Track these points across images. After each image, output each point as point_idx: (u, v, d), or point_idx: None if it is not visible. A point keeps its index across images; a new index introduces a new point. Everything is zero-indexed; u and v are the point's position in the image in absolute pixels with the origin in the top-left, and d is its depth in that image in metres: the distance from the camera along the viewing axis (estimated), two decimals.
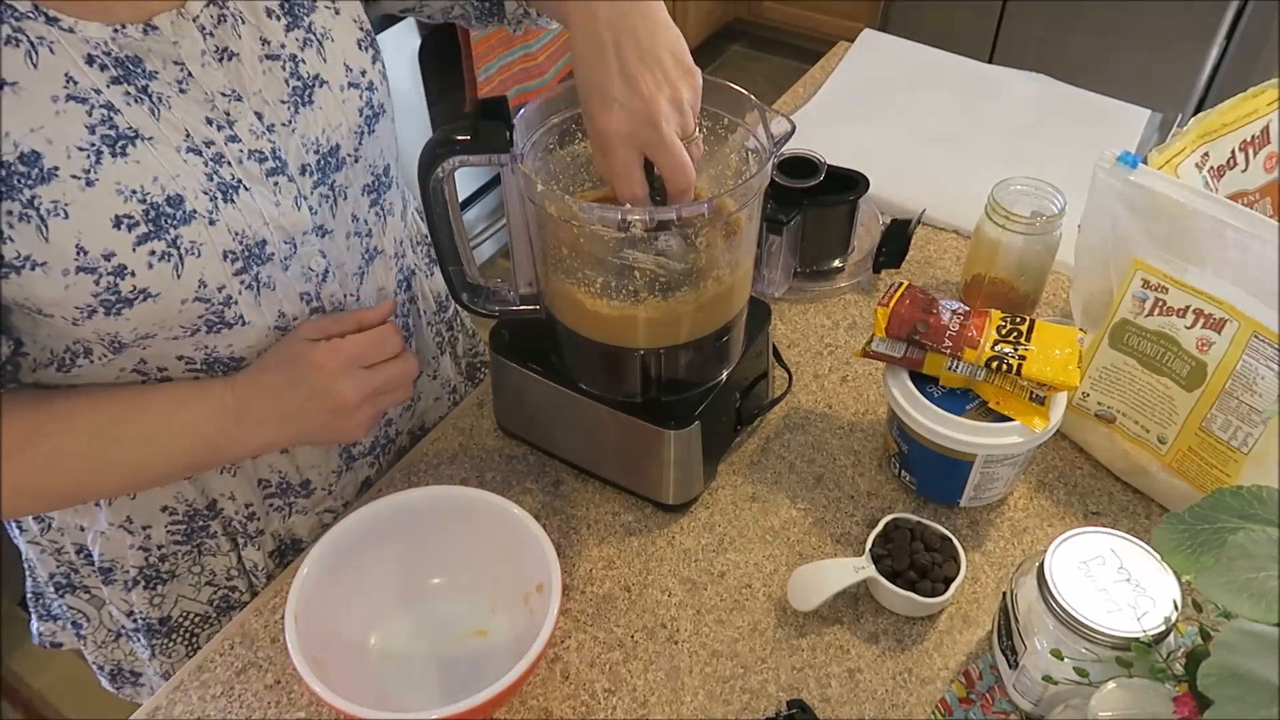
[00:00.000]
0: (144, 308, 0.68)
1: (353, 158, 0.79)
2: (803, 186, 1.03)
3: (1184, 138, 0.85)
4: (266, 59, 0.72)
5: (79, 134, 0.64)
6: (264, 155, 0.73)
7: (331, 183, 0.78)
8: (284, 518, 0.91)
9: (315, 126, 0.75)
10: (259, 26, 0.72)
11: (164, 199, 0.67)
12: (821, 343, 1.05)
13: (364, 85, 0.79)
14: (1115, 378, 0.87)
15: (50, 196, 0.63)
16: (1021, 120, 1.35)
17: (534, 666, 0.68)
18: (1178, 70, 2.59)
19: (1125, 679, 0.62)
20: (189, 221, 0.68)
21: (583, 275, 0.75)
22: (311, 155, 0.76)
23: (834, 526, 0.88)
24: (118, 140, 0.65)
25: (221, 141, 0.70)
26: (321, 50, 0.76)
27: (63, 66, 0.63)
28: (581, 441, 0.90)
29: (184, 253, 0.68)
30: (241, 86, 0.71)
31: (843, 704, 0.76)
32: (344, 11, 0.78)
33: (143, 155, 0.66)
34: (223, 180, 0.70)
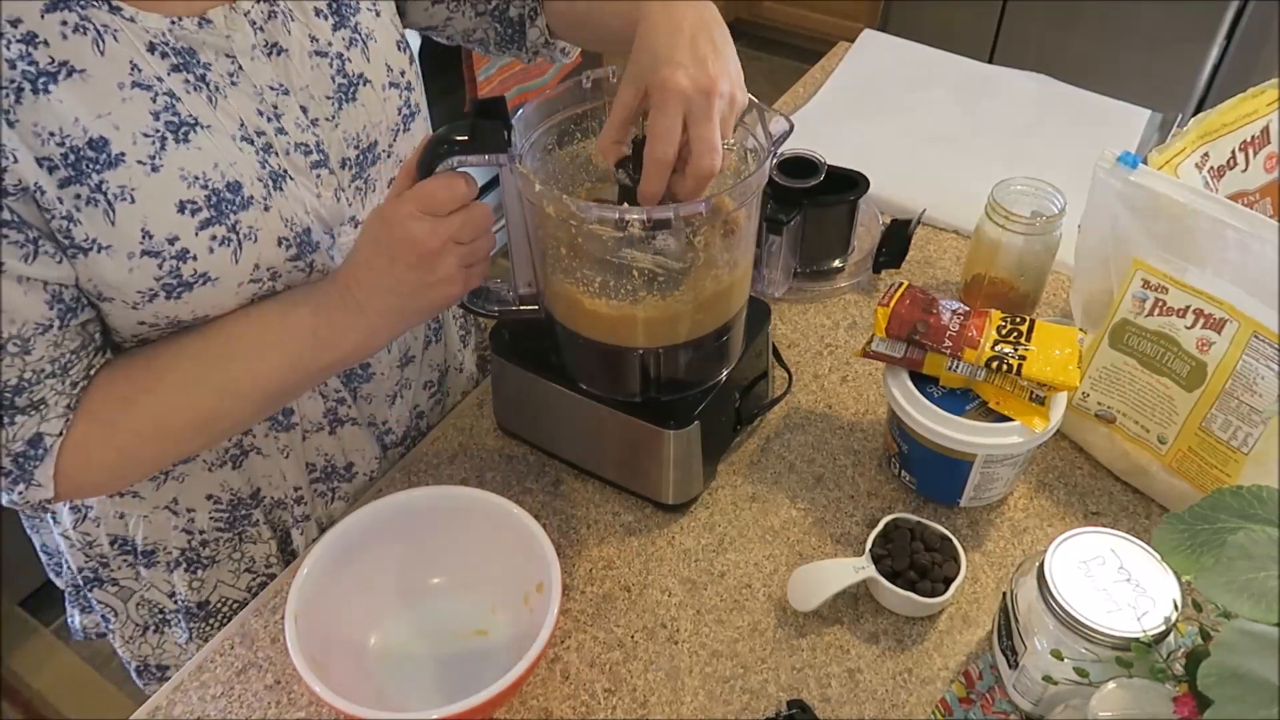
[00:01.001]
0: (203, 291, 0.70)
1: (387, 153, 0.82)
2: (803, 186, 1.03)
3: (1184, 138, 0.85)
4: (315, 55, 0.75)
5: (144, 120, 0.66)
6: (309, 148, 0.75)
7: (366, 176, 0.81)
8: (327, 503, 0.94)
9: (357, 123, 0.78)
10: (308, 24, 0.75)
11: (224, 185, 0.69)
12: (821, 343, 1.05)
13: (403, 85, 0.82)
14: (1115, 378, 0.87)
15: (117, 181, 0.65)
16: (1021, 120, 1.35)
17: (534, 666, 0.68)
18: (1178, 70, 2.59)
19: (1125, 679, 0.62)
20: (247, 207, 0.71)
21: (581, 275, 0.75)
22: (352, 150, 0.79)
23: (834, 526, 0.88)
24: (180, 127, 0.67)
25: (271, 132, 0.73)
26: (366, 50, 0.79)
27: (127, 54, 0.65)
28: (581, 441, 0.90)
29: (242, 238, 0.71)
30: (289, 81, 0.74)
31: (843, 704, 0.76)
32: (384, 14, 0.82)
33: (203, 142, 0.68)
34: (273, 169, 0.73)
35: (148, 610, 0.95)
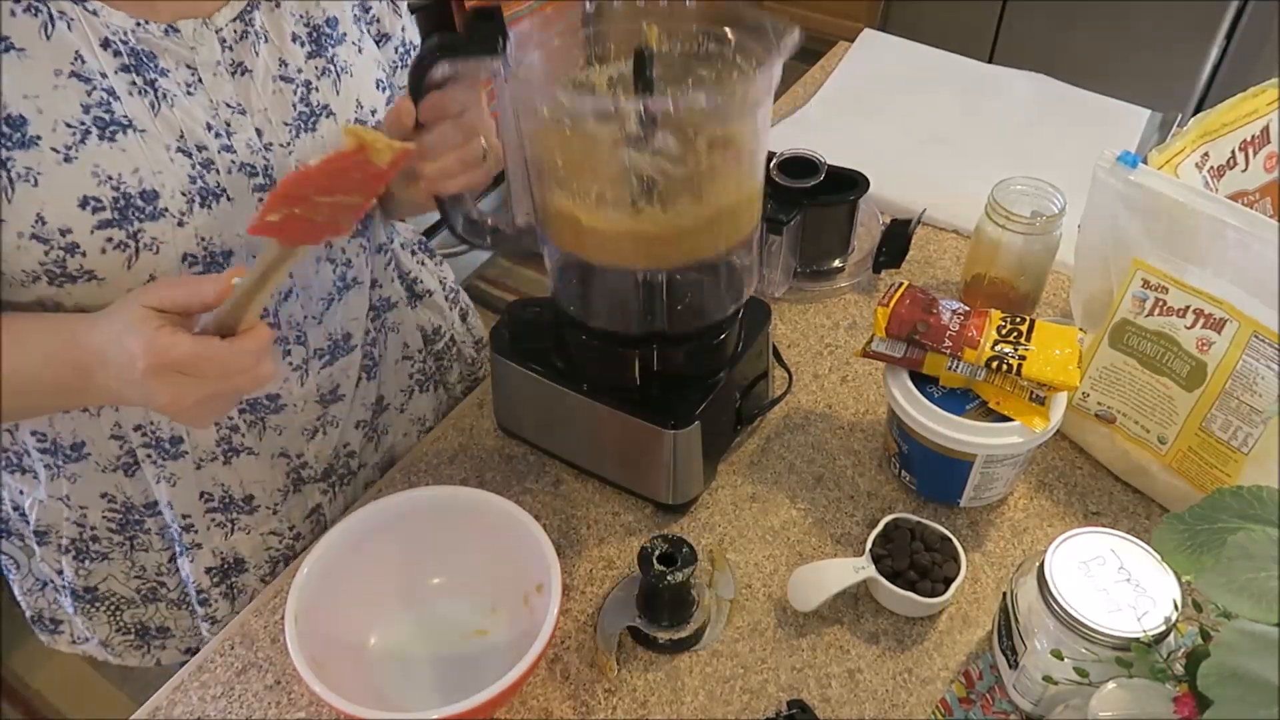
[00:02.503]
0: (87, 287, 0.70)
1: None
2: (803, 186, 1.03)
3: (1184, 138, 0.85)
4: (280, 80, 0.75)
5: (72, 110, 0.65)
6: (254, 170, 0.74)
7: None
8: (225, 534, 0.90)
9: (312, 153, 0.77)
10: (281, 49, 0.75)
11: (138, 191, 0.68)
12: (821, 343, 1.05)
13: (370, 124, 0.81)
14: (1115, 378, 0.87)
15: (25, 162, 0.65)
16: (1021, 120, 1.35)
17: (534, 666, 0.68)
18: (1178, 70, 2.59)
19: (1125, 679, 0.62)
20: (157, 219, 0.69)
21: (578, 187, 0.73)
22: None
23: (834, 526, 0.88)
24: (109, 125, 0.67)
25: (215, 149, 0.72)
26: (337, 83, 0.78)
27: (74, 44, 0.65)
28: (581, 441, 0.90)
29: (142, 246, 0.69)
30: (248, 102, 0.74)
31: (843, 704, 0.76)
32: (368, 52, 0.82)
33: (129, 145, 0.68)
34: (205, 185, 0.72)
35: (44, 572, 0.94)
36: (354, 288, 0.87)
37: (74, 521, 0.87)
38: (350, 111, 0.79)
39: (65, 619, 0.98)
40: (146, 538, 0.89)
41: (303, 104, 0.76)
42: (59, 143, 0.65)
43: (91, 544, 0.89)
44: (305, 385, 0.87)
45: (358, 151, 0.59)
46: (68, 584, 0.92)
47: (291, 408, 0.87)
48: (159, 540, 0.90)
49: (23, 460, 0.85)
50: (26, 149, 0.64)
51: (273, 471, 0.89)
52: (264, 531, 0.92)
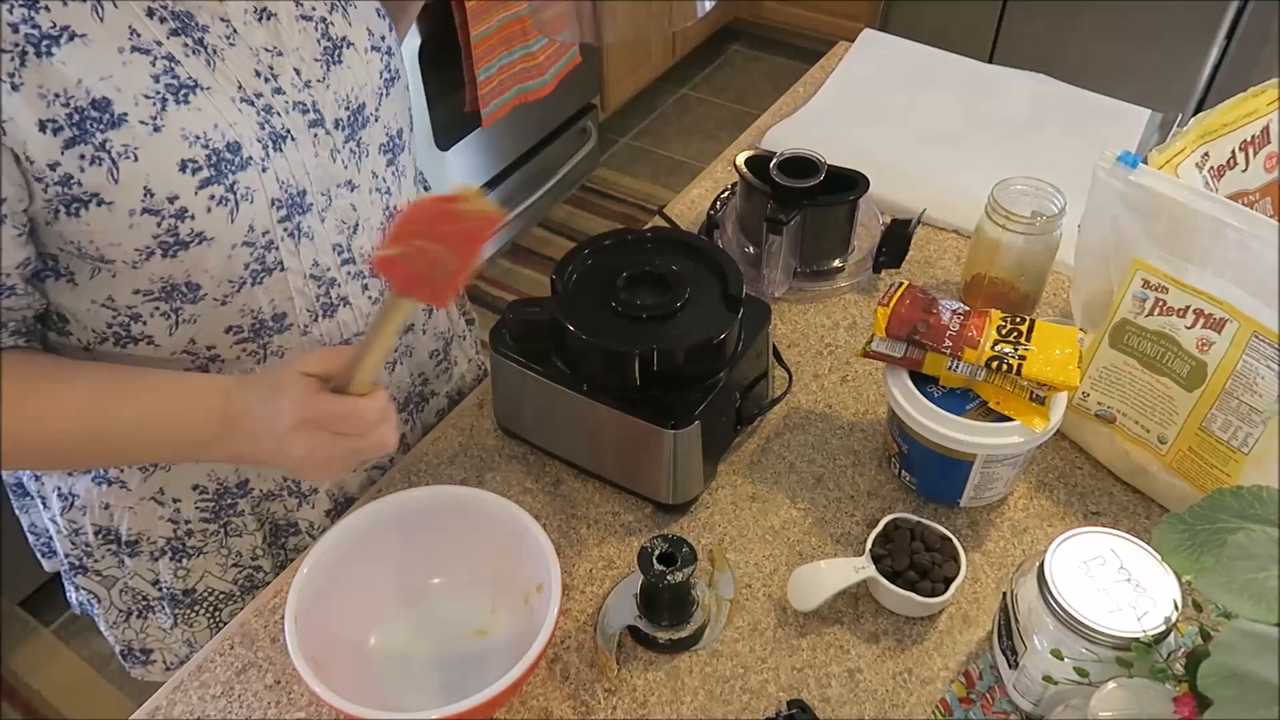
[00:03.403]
0: (198, 251, 0.72)
1: (374, 117, 0.83)
2: (803, 186, 1.03)
3: (1184, 138, 0.85)
4: (301, 19, 0.77)
5: (145, 82, 0.68)
6: (305, 107, 0.77)
7: (359, 139, 0.82)
8: (310, 502, 0.94)
9: (345, 84, 0.80)
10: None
11: (224, 145, 0.71)
12: (821, 343, 1.05)
13: (384, 49, 0.84)
14: (1115, 378, 0.87)
15: (121, 140, 0.67)
16: (1021, 120, 1.35)
17: (534, 666, 0.68)
18: (1178, 70, 2.59)
19: (1125, 679, 0.62)
20: (245, 168, 0.72)
21: None
22: (344, 111, 0.80)
23: (834, 526, 0.88)
24: (180, 89, 0.69)
25: (269, 93, 0.74)
26: (347, 14, 0.80)
27: (126, 19, 0.67)
28: (581, 441, 0.90)
29: (239, 198, 0.72)
30: (281, 43, 0.75)
31: (843, 704, 0.76)
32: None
33: (203, 103, 0.70)
34: (273, 129, 0.74)
35: (131, 597, 0.95)
36: (397, 216, 0.88)
37: (168, 519, 0.88)
38: (365, 40, 0.81)
39: (157, 646, 0.99)
40: (240, 520, 0.91)
41: (325, 39, 0.78)
42: (144, 115, 0.67)
43: (186, 539, 0.90)
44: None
45: (451, 199, 0.61)
46: (166, 590, 0.93)
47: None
48: (253, 521, 0.91)
49: (108, 472, 0.86)
50: (119, 128, 0.66)
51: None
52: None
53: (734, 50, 3.59)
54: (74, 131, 0.65)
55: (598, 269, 0.88)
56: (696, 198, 1.25)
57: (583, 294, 0.85)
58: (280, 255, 0.78)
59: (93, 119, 0.65)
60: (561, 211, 2.89)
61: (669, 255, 0.89)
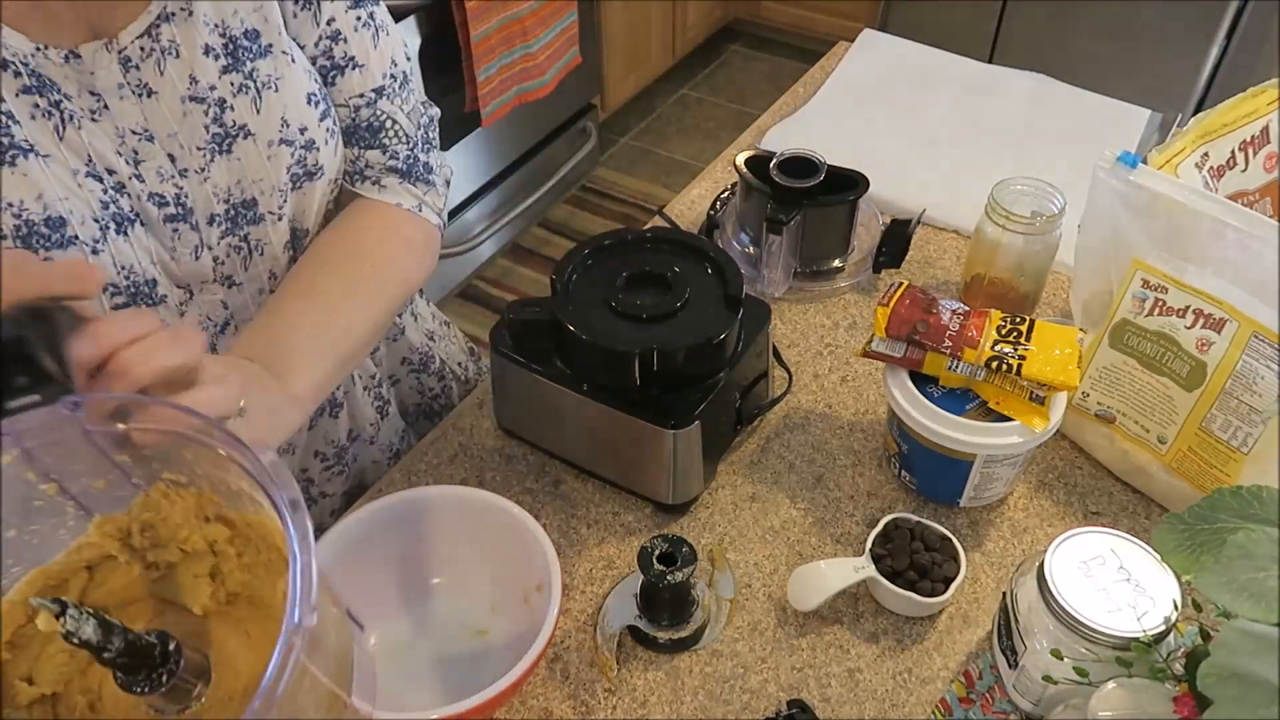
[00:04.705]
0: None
1: (275, 215, 0.76)
2: (803, 187, 1.03)
3: (1184, 138, 0.85)
4: (190, 100, 0.69)
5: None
6: (165, 200, 0.70)
7: (245, 235, 0.75)
8: None
9: (229, 177, 0.72)
10: (191, 64, 0.69)
11: (42, 219, 0.64)
12: (821, 343, 1.05)
13: (299, 143, 0.75)
14: (1115, 378, 0.87)
15: None
16: (1021, 120, 1.35)
17: (534, 666, 0.68)
18: (1178, 70, 2.59)
19: (1125, 679, 0.62)
20: (66, 247, 0.65)
21: None
22: (221, 205, 0.73)
23: (834, 526, 0.88)
24: (8, 150, 0.62)
25: (125, 175, 0.68)
26: (257, 100, 0.72)
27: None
28: (581, 441, 0.90)
29: None
30: (155, 127, 0.69)
31: (843, 704, 0.76)
32: (300, 63, 0.75)
33: (31, 170, 0.63)
34: (120, 211, 0.68)
35: None
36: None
37: None
38: (274, 131, 0.73)
39: None
40: None
41: (216, 125, 0.70)
42: None
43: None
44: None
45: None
46: None
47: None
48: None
49: None
50: None
51: None
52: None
53: (734, 50, 3.59)
54: None
55: (598, 269, 0.88)
56: (696, 198, 1.25)
57: (583, 294, 0.85)
58: None
59: None
60: (561, 211, 2.89)
61: (669, 255, 0.89)
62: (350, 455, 0.96)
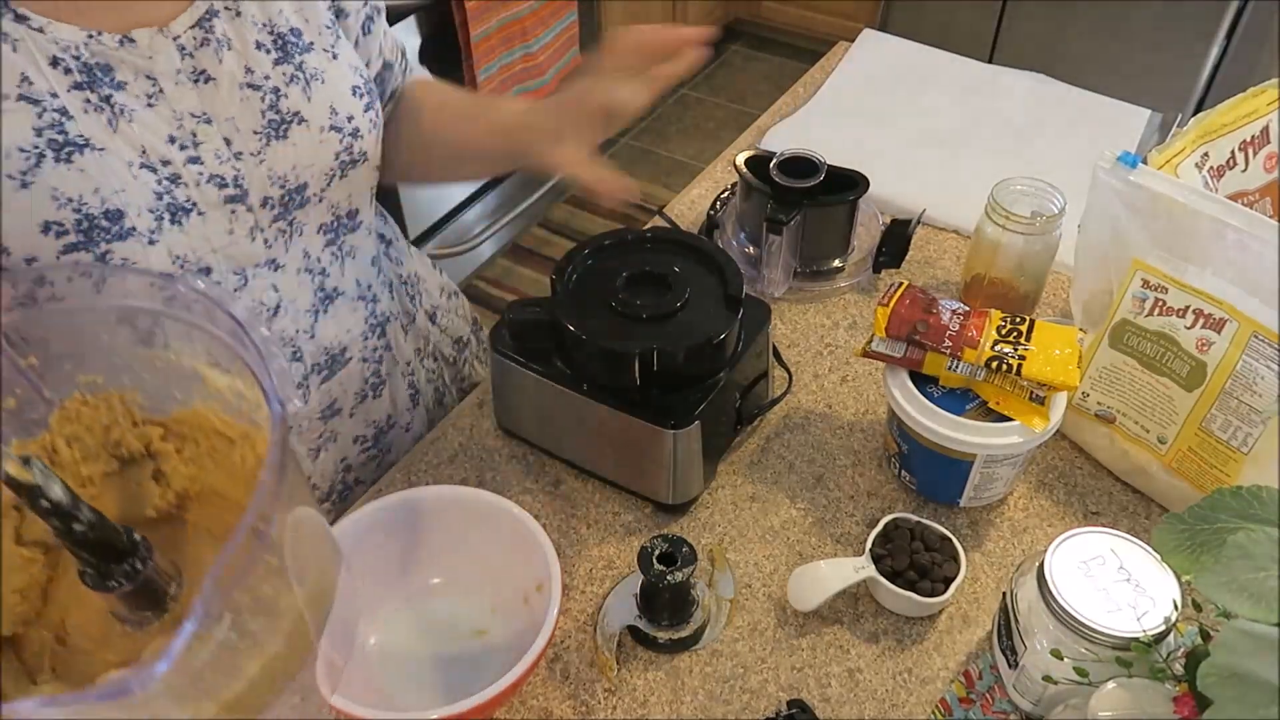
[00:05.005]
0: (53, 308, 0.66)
1: (319, 198, 0.80)
2: (803, 186, 1.03)
3: (1184, 138, 0.85)
4: (247, 87, 0.73)
5: (24, 135, 0.63)
6: (225, 181, 0.72)
7: (291, 219, 0.78)
8: None
9: (285, 162, 0.75)
10: (244, 55, 0.72)
11: (101, 212, 0.66)
12: (821, 343, 1.05)
13: (347, 130, 0.79)
14: (1115, 378, 0.87)
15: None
16: (1021, 120, 1.35)
17: (534, 666, 0.68)
18: (1178, 70, 2.59)
19: (1125, 679, 0.62)
20: (124, 238, 0.67)
21: None
22: (276, 189, 0.76)
23: (834, 526, 0.88)
24: (64, 146, 0.64)
25: (180, 162, 0.70)
26: (308, 89, 0.76)
27: (20, 66, 0.63)
28: (581, 441, 0.90)
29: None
30: (213, 110, 0.71)
31: (843, 704, 0.76)
32: (342, 57, 0.79)
33: (88, 164, 0.65)
34: (174, 201, 0.70)
35: None
36: (338, 298, 0.86)
37: None
38: (324, 119, 0.77)
39: None
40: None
41: (271, 111, 0.74)
42: (14, 169, 0.63)
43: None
44: (308, 403, 0.86)
45: None
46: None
47: (296, 427, 0.87)
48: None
49: None
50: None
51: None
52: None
53: (734, 50, 3.59)
54: None
55: (598, 269, 0.88)
56: (696, 198, 1.25)
57: (583, 294, 0.85)
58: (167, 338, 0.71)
59: None
60: (561, 211, 2.89)
61: (669, 255, 0.89)
62: (386, 442, 0.98)
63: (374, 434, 0.96)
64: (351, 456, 0.95)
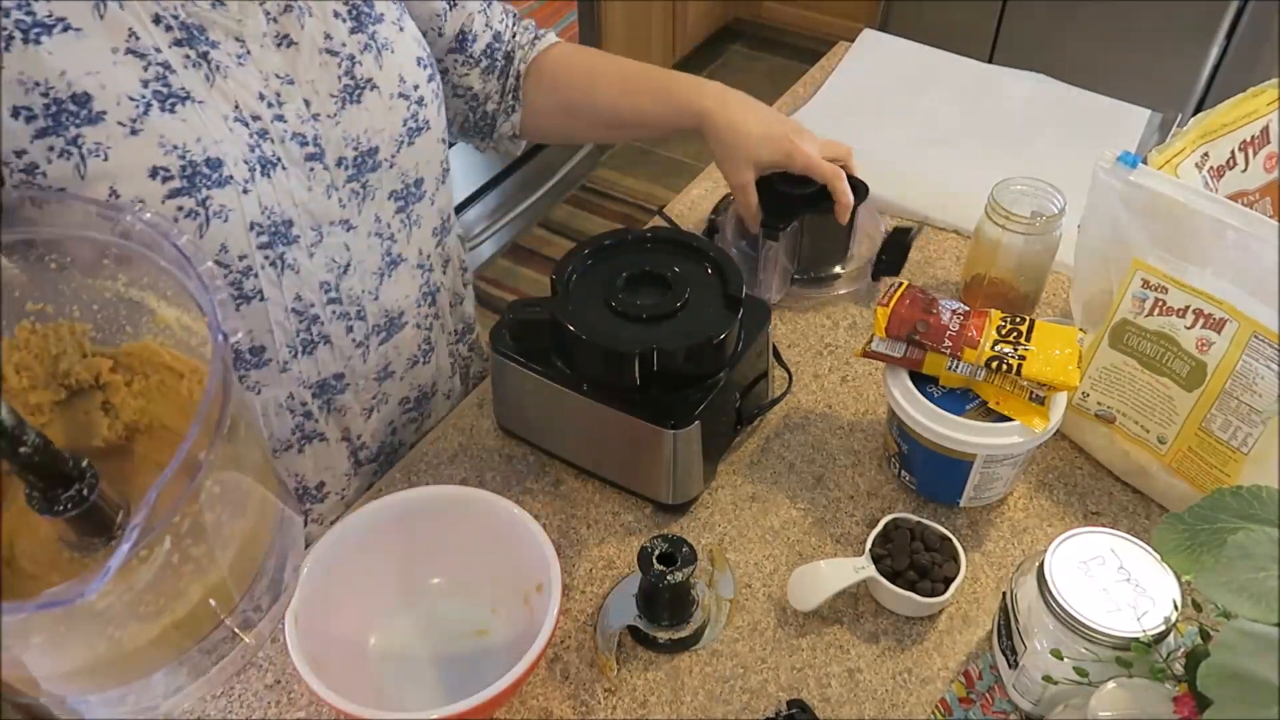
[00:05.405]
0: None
1: (389, 163, 0.84)
2: (801, 194, 1.03)
3: (1184, 138, 0.85)
4: (325, 53, 0.78)
5: (132, 85, 0.67)
6: (305, 139, 0.77)
7: (364, 181, 0.82)
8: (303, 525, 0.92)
9: (358, 125, 0.80)
10: (324, 23, 0.78)
11: (203, 160, 0.70)
12: (821, 342, 1.05)
13: (414, 98, 0.84)
14: (1115, 378, 0.87)
15: (94, 138, 0.66)
16: (1021, 120, 1.35)
17: (534, 666, 0.68)
18: (1178, 70, 2.59)
19: (1125, 679, 0.62)
20: (224, 185, 0.72)
21: None
22: (350, 150, 0.80)
23: (834, 526, 0.88)
24: (168, 97, 0.69)
25: (268, 119, 0.75)
26: (379, 58, 0.81)
27: (128, 22, 0.67)
28: (581, 441, 0.90)
29: (211, 214, 0.71)
30: (295, 72, 0.76)
31: (843, 704, 0.76)
32: (408, 30, 0.85)
33: (190, 115, 0.70)
34: (263, 155, 0.74)
35: None
36: (401, 264, 0.90)
37: None
38: (394, 86, 0.82)
39: None
40: None
41: (347, 76, 0.79)
42: (124, 116, 0.67)
43: None
44: (367, 362, 0.90)
45: None
46: None
47: (354, 386, 0.90)
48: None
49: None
50: (94, 124, 0.66)
51: (339, 456, 0.93)
52: (332, 520, 0.94)
53: (734, 50, 3.59)
54: (47, 122, 0.65)
55: (598, 269, 0.88)
56: (696, 198, 1.25)
57: (583, 294, 0.85)
58: (260, 284, 0.77)
59: (70, 112, 0.65)
60: (561, 211, 2.89)
61: (669, 255, 0.89)
62: (428, 407, 1.02)
63: (417, 397, 1.00)
64: (396, 418, 0.99)
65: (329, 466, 0.92)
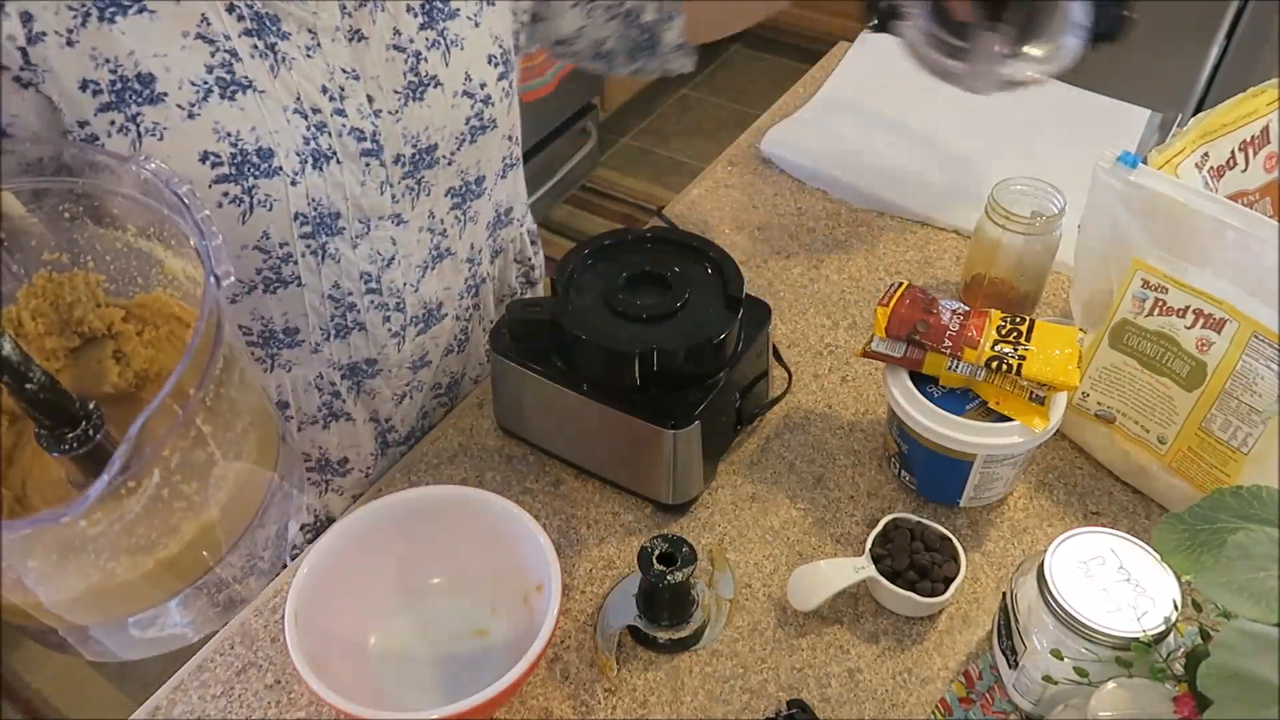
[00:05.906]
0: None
1: (447, 160, 0.84)
2: None
3: (1184, 138, 0.85)
4: (393, 49, 0.78)
5: (197, 70, 0.70)
6: (363, 135, 0.78)
7: (420, 178, 0.83)
8: (320, 492, 0.95)
9: (419, 122, 0.80)
10: (395, 18, 0.78)
11: (255, 149, 0.72)
12: (821, 343, 1.05)
13: (479, 97, 0.84)
14: (1115, 378, 0.87)
15: (153, 117, 0.69)
16: (1021, 120, 1.35)
17: (534, 666, 0.68)
18: (1178, 70, 2.58)
19: (1125, 679, 0.62)
20: (272, 176, 0.73)
21: None
22: (408, 148, 0.81)
23: (834, 526, 0.88)
24: (230, 85, 0.71)
25: (328, 112, 0.76)
26: (447, 55, 0.81)
27: (201, 8, 0.69)
28: (581, 441, 0.90)
29: (255, 203, 0.73)
30: (361, 68, 0.77)
31: (843, 704, 0.76)
32: (484, 25, 0.84)
33: (249, 104, 0.71)
34: (318, 148, 0.75)
35: None
36: (448, 258, 0.90)
37: None
38: (459, 84, 0.82)
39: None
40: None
41: (412, 73, 0.79)
42: (184, 100, 0.69)
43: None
44: (401, 351, 0.91)
45: None
46: None
47: (386, 373, 0.91)
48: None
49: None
50: (155, 105, 0.68)
51: (365, 436, 0.94)
52: (355, 493, 0.96)
53: (734, 50, 3.59)
54: (111, 97, 0.67)
55: (598, 269, 0.88)
56: (696, 198, 1.25)
57: (583, 294, 0.85)
58: (298, 270, 0.78)
59: (133, 91, 0.67)
60: (561, 211, 2.89)
61: (669, 255, 0.89)
62: (459, 392, 1.04)
63: (448, 383, 1.02)
64: (428, 403, 1.00)
65: (354, 445, 0.94)
